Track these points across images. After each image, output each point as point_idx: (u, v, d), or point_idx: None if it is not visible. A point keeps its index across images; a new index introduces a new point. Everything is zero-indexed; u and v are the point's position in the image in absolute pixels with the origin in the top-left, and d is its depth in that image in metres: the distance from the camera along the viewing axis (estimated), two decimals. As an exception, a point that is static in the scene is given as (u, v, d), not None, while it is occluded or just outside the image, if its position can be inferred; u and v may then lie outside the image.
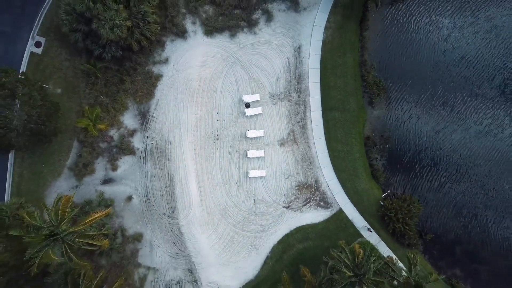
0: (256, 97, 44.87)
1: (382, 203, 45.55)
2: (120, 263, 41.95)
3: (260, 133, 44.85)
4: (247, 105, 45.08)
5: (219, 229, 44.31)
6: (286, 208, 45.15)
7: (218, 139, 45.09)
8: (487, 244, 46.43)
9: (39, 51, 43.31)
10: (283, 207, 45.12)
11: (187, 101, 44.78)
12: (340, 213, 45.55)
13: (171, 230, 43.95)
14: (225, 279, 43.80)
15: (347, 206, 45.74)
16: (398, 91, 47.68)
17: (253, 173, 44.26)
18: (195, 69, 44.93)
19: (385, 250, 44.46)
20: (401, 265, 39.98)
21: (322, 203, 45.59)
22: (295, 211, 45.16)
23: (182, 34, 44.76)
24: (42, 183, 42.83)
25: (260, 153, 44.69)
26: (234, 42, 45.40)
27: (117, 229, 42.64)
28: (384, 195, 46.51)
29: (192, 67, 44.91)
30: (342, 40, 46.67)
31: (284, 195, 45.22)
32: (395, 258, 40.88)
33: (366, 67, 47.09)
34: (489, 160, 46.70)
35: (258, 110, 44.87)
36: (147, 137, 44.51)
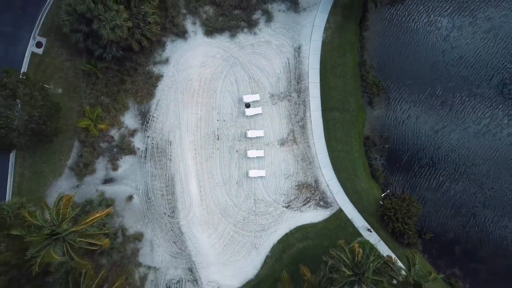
0: (256, 97, 45.03)
1: (381, 202, 45.70)
2: (120, 262, 42.08)
3: (260, 133, 45.00)
4: (247, 105, 45.24)
5: (219, 229, 44.49)
6: (286, 207, 45.32)
7: (218, 139, 45.26)
8: (485, 244, 46.53)
9: (40, 51, 43.47)
10: (283, 206, 45.28)
11: (187, 101, 44.94)
12: (339, 212, 45.69)
13: (171, 230, 44.12)
14: (225, 278, 43.96)
15: (346, 206, 45.90)
16: (397, 91, 47.82)
17: (253, 173, 44.42)
18: (195, 69, 45.09)
19: (384, 250, 44.57)
20: (400, 264, 40.04)
21: (321, 203, 45.75)
22: (295, 210, 45.32)
23: (182, 34, 44.92)
24: (43, 182, 43.02)
25: (260, 153, 44.84)
26: (234, 42, 45.57)
27: (117, 228, 42.76)
28: (383, 194, 46.64)
29: (192, 67, 45.08)
30: (341, 40, 46.80)
31: (284, 194, 45.38)
32: (394, 257, 40.99)
33: (366, 67, 47.25)
34: (487, 159, 46.81)
35: (258, 110, 45.02)
36: (148, 137, 44.68)
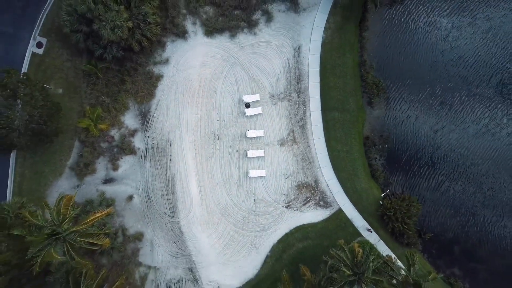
0: (256, 97, 45.12)
1: (381, 202, 45.79)
2: (121, 262, 42.15)
3: (260, 133, 45.08)
4: (247, 105, 45.33)
5: (219, 229, 44.57)
6: (286, 207, 45.40)
7: (218, 139, 45.35)
8: (484, 243, 46.61)
9: (40, 51, 43.55)
10: (283, 206, 45.37)
11: (187, 101, 45.03)
12: (339, 212, 45.77)
13: (171, 230, 44.20)
14: (225, 278, 44.04)
15: (346, 206, 45.99)
16: (397, 91, 47.90)
17: (253, 173, 44.50)
18: (195, 70, 45.18)
19: (384, 249, 44.63)
20: (400, 264, 40.09)
21: (321, 203, 45.83)
22: (294, 210, 45.41)
23: (182, 34, 45.01)
24: (44, 182, 43.10)
25: (260, 153, 44.92)
26: (234, 42, 45.66)
27: (118, 228, 42.83)
28: (383, 194, 46.72)
29: (192, 67, 45.17)
30: (341, 40, 46.90)
31: (284, 194, 45.47)
32: (394, 257, 41.07)
33: (366, 67, 47.34)
34: (486, 159, 46.90)
35: (258, 110, 45.11)
36: (148, 137, 44.76)
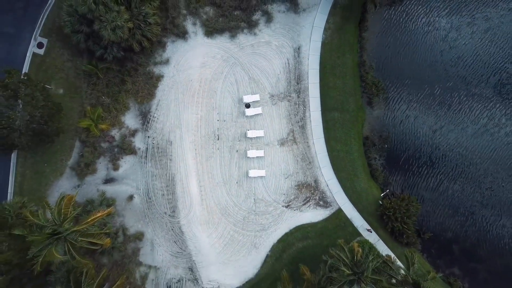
0: (256, 97, 45.25)
1: (380, 202, 45.93)
2: (121, 261, 42.30)
3: (260, 133, 45.22)
4: (247, 105, 45.47)
5: (219, 228, 44.71)
6: (286, 207, 45.54)
7: (218, 139, 45.49)
8: (484, 243, 46.76)
9: (41, 52, 43.67)
10: (282, 206, 45.51)
11: (187, 101, 45.17)
12: (339, 212, 45.90)
13: (172, 229, 44.34)
14: (225, 277, 44.19)
15: (346, 206, 46.12)
16: (396, 91, 48.04)
17: (253, 173, 44.63)
18: (195, 70, 45.32)
19: (383, 249, 44.76)
20: (399, 263, 40.21)
21: (321, 202, 45.97)
22: (294, 210, 45.54)
23: (182, 35, 45.14)
24: (44, 182, 43.24)
25: (260, 153, 45.05)
26: (234, 43, 45.78)
27: (118, 228, 42.97)
28: (382, 194, 46.86)
29: (192, 67, 45.30)
30: (341, 41, 47.02)
31: (284, 194, 45.61)
32: (393, 256, 41.21)
33: (365, 67, 47.49)
34: (485, 159, 47.05)
35: (258, 110, 45.24)
36: (148, 137, 44.90)
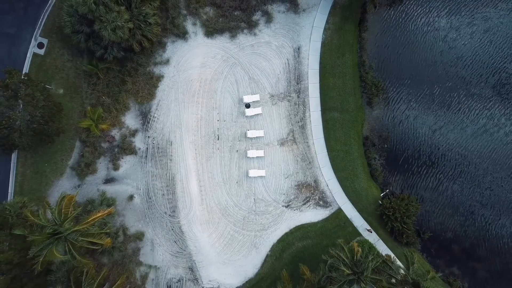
0: (256, 97, 45.33)
1: (380, 202, 46.00)
2: (122, 261, 42.38)
3: (260, 133, 45.30)
4: (247, 106, 45.56)
5: (219, 228, 44.81)
6: (286, 207, 45.63)
7: (218, 139, 45.57)
8: (483, 242, 46.84)
9: (41, 52, 43.75)
10: (282, 206, 45.60)
11: (187, 101, 45.26)
12: (339, 212, 45.98)
13: (172, 229, 44.43)
14: (225, 277, 44.29)
15: (346, 205, 46.21)
16: (396, 91, 48.15)
17: (253, 173, 44.71)
18: (195, 70, 45.40)
19: (383, 249, 44.84)
20: (399, 263, 40.32)
21: (321, 202, 46.05)
22: (294, 210, 45.63)
23: (183, 35, 45.22)
24: (45, 182, 43.31)
25: (260, 152, 45.13)
26: (234, 43, 45.87)
27: (119, 228, 43.04)
28: (382, 194, 46.95)
29: (192, 68, 45.38)
30: (341, 41, 47.09)
31: (284, 194, 45.70)
32: (393, 256, 41.38)
33: (365, 67, 47.58)
34: (485, 159, 47.14)
35: (258, 110, 45.31)
36: (148, 137, 44.99)
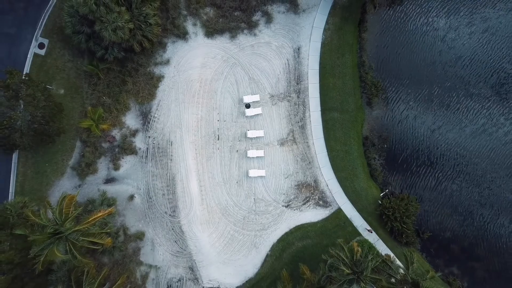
0: (256, 97, 45.44)
1: (380, 202, 46.13)
2: (122, 261, 42.51)
3: (260, 133, 45.42)
4: (247, 106, 45.68)
5: (219, 228, 44.94)
6: (286, 207, 45.75)
7: (218, 139, 45.69)
8: (482, 242, 46.98)
9: (42, 52, 43.88)
10: (282, 206, 45.73)
11: (188, 101, 45.39)
12: (339, 212, 46.10)
13: (172, 229, 44.56)
14: (225, 276, 44.43)
15: (345, 205, 46.32)
16: (395, 91, 48.26)
17: (253, 173, 44.83)
18: (196, 70, 45.52)
19: (383, 248, 44.95)
20: (398, 263, 40.49)
21: (321, 202, 46.17)
22: (294, 210, 45.75)
23: (183, 35, 45.34)
24: (46, 182, 43.44)
25: (260, 152, 45.25)
26: (234, 43, 45.98)
27: (119, 227, 43.19)
28: (382, 194, 47.07)
29: (193, 68, 45.50)
30: (340, 41, 47.19)
31: (284, 194, 45.82)
32: (392, 256, 41.49)
33: (365, 68, 47.69)
34: (484, 158, 47.25)
35: (258, 111, 45.43)
36: (149, 137, 45.11)
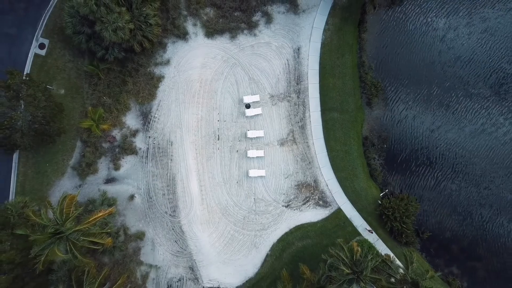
0: (256, 98, 45.52)
1: (380, 202, 46.22)
2: (122, 261, 42.60)
3: (260, 133, 45.50)
4: (247, 106, 45.76)
5: (219, 228, 45.02)
6: (286, 207, 45.84)
7: (218, 139, 45.78)
8: (482, 242, 47.06)
9: (43, 52, 43.95)
10: (282, 206, 45.81)
11: (188, 101, 45.47)
12: (338, 212, 46.18)
13: (172, 229, 44.65)
14: (225, 276, 44.52)
15: (345, 205, 46.40)
16: (395, 91, 48.34)
17: (253, 173, 44.92)
18: (196, 70, 45.61)
19: (382, 248, 45.03)
20: (398, 262, 40.56)
21: (321, 202, 46.25)
22: (294, 210, 45.83)
23: (183, 36, 45.42)
24: (46, 182, 43.52)
25: (260, 153, 45.33)
26: (234, 43, 46.06)
27: (119, 227, 43.27)
28: (382, 194, 47.15)
29: (193, 68, 45.59)
30: (340, 41, 47.27)
31: (284, 194, 45.90)
32: (392, 256, 41.57)
33: (364, 68, 47.77)
34: (483, 158, 47.32)
35: (258, 111, 45.51)
36: (149, 137, 45.20)
